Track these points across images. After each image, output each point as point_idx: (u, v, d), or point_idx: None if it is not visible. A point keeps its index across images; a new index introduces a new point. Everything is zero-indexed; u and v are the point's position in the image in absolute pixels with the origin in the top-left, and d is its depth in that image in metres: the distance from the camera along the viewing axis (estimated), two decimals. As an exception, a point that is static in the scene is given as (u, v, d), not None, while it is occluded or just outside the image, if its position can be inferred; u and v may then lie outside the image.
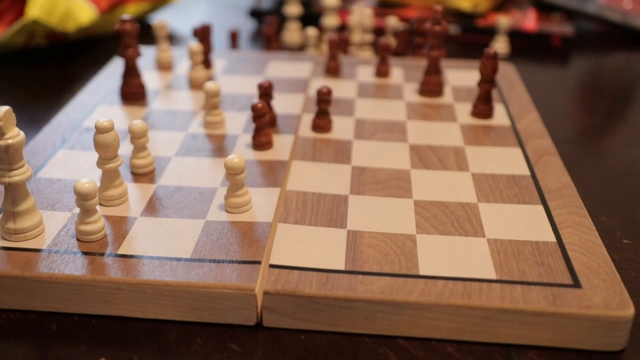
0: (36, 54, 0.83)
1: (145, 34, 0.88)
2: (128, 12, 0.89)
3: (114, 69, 0.71)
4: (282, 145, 0.56)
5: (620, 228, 0.50)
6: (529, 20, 0.93)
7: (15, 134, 0.40)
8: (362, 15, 0.82)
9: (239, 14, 1.02)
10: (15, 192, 0.42)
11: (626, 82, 0.83)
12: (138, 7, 0.91)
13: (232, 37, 0.82)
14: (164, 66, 0.72)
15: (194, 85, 0.67)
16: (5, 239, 0.43)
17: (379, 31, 0.89)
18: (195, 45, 0.67)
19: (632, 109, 0.74)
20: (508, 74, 0.72)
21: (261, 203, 0.47)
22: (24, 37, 0.80)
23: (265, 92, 0.57)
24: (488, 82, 0.60)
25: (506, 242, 0.44)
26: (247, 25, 0.97)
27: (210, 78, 0.69)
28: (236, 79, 0.69)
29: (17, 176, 0.41)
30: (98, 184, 0.47)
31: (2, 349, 0.38)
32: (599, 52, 0.91)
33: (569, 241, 0.44)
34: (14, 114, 0.40)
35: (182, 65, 0.72)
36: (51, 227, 0.44)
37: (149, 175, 0.51)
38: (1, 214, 0.44)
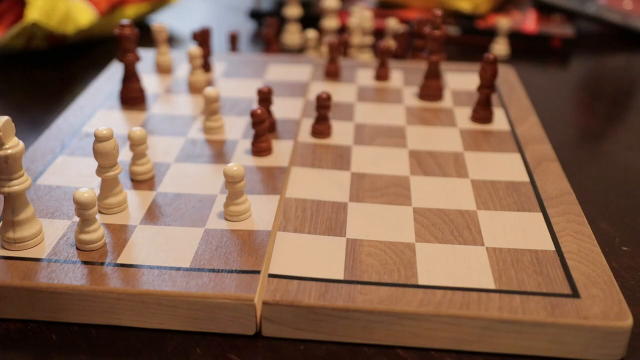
0: (35, 56, 0.83)
1: (145, 36, 0.88)
2: (127, 14, 0.89)
3: (114, 72, 0.71)
4: (281, 151, 0.56)
5: (619, 235, 0.51)
6: (529, 22, 0.93)
7: (14, 144, 0.40)
8: (362, 17, 0.82)
9: (239, 15, 1.02)
10: (15, 202, 0.42)
11: (627, 84, 0.83)
12: (137, 9, 0.91)
13: (232, 39, 0.82)
14: (163, 69, 0.72)
15: (194, 89, 0.67)
16: (5, 249, 0.43)
17: (379, 33, 0.89)
18: (194, 49, 0.66)
19: (632, 112, 0.73)
20: (508, 77, 0.72)
21: (260, 211, 0.47)
22: (24, 40, 0.79)
23: (265, 97, 0.57)
24: (488, 87, 0.60)
25: (505, 250, 0.44)
26: (246, 27, 0.96)
27: (209, 82, 0.69)
28: (236, 82, 0.69)
29: (16, 186, 0.41)
30: (97, 192, 0.47)
31: (1, 359, 0.38)
32: (599, 54, 0.91)
33: (567, 250, 0.44)
34: (13, 123, 0.40)
35: (182, 69, 0.72)
36: (51, 235, 0.44)
37: (148, 182, 0.51)
38: (1, 223, 0.44)
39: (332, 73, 0.70)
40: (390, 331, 0.39)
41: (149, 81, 0.69)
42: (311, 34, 0.82)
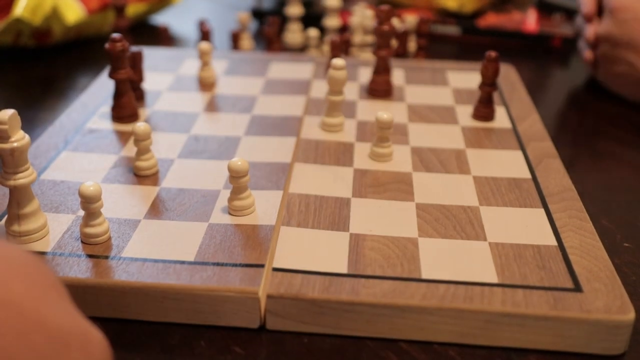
0: (37, 54, 0.83)
1: (147, 34, 0.89)
2: (126, 13, 0.88)
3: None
4: (284, 147, 0.56)
5: (620, 231, 0.51)
6: (530, 22, 0.93)
7: (20, 137, 0.40)
8: (363, 16, 0.82)
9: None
10: (20, 195, 0.42)
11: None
12: (135, 8, 0.90)
13: (234, 38, 0.82)
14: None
15: (204, 85, 0.67)
16: (10, 242, 0.43)
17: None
18: (204, 44, 0.67)
19: (632, 111, 0.74)
20: (509, 76, 0.72)
21: (264, 205, 0.47)
22: (11, 37, 0.79)
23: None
24: (489, 84, 0.61)
25: (507, 245, 0.44)
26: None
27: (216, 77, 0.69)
28: (237, 80, 0.69)
29: (22, 179, 0.41)
30: (103, 186, 0.47)
31: (7, 352, 0.38)
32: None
33: (569, 245, 0.44)
34: (18, 117, 0.41)
35: (184, 66, 0.72)
36: (55, 229, 0.44)
37: (152, 178, 0.51)
38: (6, 217, 0.44)
39: (333, 71, 0.71)
40: (393, 324, 0.39)
41: (152, 78, 0.69)
42: (313, 33, 0.82)
